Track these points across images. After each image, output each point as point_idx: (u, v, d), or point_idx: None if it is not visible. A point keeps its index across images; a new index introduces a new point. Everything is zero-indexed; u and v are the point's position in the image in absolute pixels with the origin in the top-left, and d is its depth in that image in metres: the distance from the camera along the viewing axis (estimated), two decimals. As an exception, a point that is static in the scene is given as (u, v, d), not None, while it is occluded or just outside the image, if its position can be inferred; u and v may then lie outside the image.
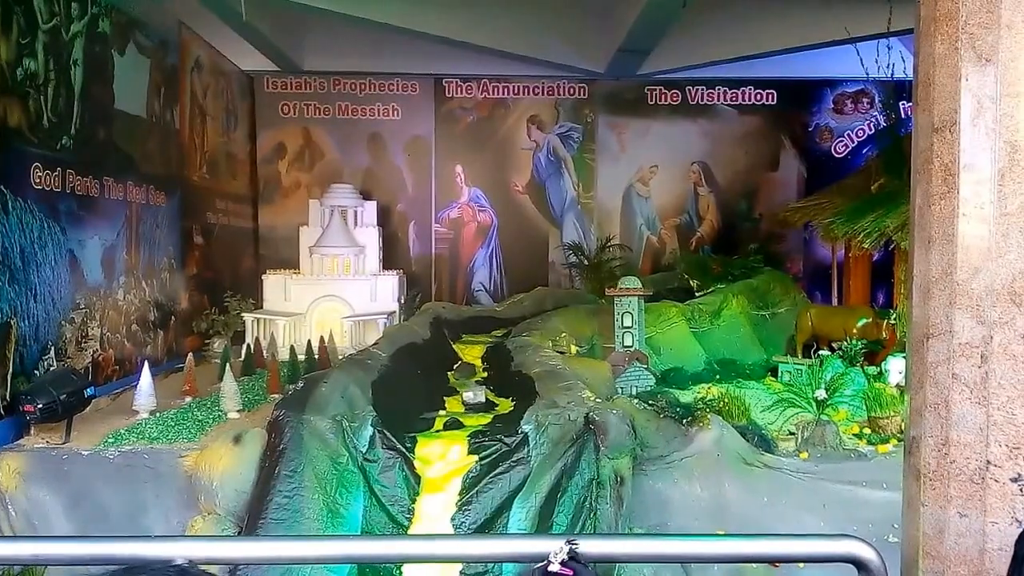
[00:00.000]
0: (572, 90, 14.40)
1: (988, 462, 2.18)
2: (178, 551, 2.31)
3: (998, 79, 2.21)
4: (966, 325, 2.22)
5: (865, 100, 14.58)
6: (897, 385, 7.20)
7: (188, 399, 7.87)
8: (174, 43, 10.59)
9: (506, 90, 14.31)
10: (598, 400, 6.46)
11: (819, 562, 2.27)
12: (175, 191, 10.47)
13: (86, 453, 6.23)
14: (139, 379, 7.37)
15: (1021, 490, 2.17)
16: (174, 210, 10.45)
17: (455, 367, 9.40)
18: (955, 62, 2.29)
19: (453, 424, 6.63)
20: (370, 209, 12.29)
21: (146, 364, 7.66)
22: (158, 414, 7.21)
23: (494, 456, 6.00)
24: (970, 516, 2.23)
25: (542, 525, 5.54)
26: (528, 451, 5.96)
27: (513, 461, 5.94)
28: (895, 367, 7.47)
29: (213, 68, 12.08)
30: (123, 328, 8.98)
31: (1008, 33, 2.20)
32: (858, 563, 2.23)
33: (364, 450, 5.98)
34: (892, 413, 6.52)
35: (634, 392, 7.56)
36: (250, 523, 5.67)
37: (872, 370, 7.91)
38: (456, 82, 14.21)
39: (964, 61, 2.27)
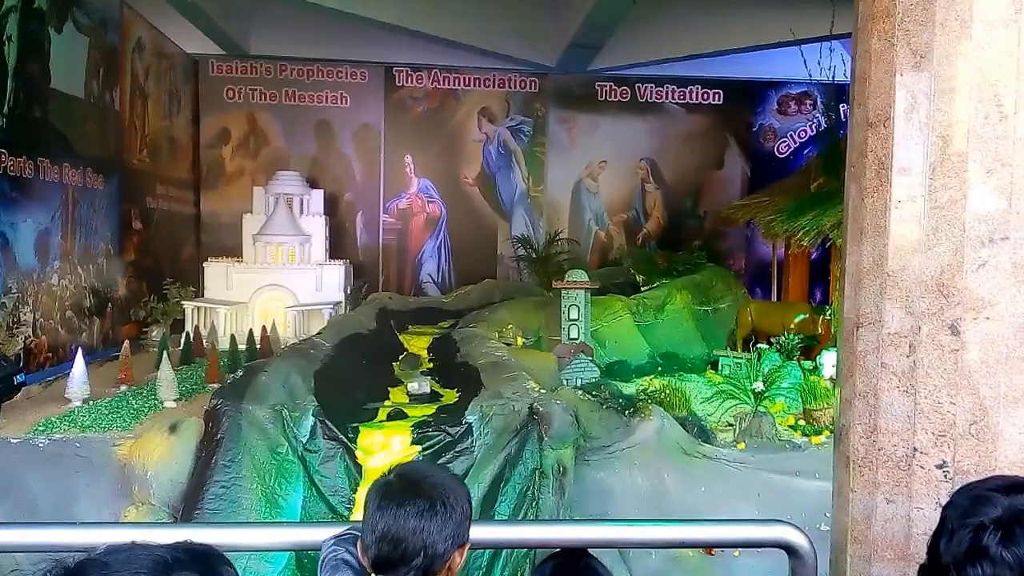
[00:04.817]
0: (523, 83, 14.39)
1: (915, 449, 2.24)
2: (109, 538, 2.25)
3: (932, 76, 2.26)
4: (895, 315, 2.27)
5: (808, 102, 14.85)
6: (831, 378, 7.38)
7: (124, 387, 7.69)
8: (115, 22, 10.29)
9: (457, 81, 14.23)
10: (543, 391, 6.49)
11: (751, 547, 2.32)
12: (113, 174, 10.19)
13: (15, 441, 6.07)
14: (72, 366, 7.17)
15: (946, 476, 2.22)
16: (112, 194, 10.17)
17: (400, 357, 9.35)
18: (891, 58, 2.33)
19: (397, 414, 6.59)
20: (316, 197, 12.12)
21: (80, 351, 7.45)
22: (92, 402, 7.06)
23: (437, 446, 6.00)
24: (897, 502, 2.29)
25: (484, 514, 5.55)
26: (472, 441, 5.98)
27: (457, 451, 5.96)
28: (829, 361, 7.66)
29: (155, 49, 11.78)
30: (57, 314, 8.72)
31: (942, 31, 2.25)
32: (789, 548, 2.28)
33: (305, 440, 5.93)
34: (826, 405, 6.69)
35: (579, 384, 7.61)
36: (186, 513, 5.59)
37: (808, 364, 8.11)
38: (406, 71, 14.07)
39: (899, 58, 2.31)
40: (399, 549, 1.79)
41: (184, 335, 9.74)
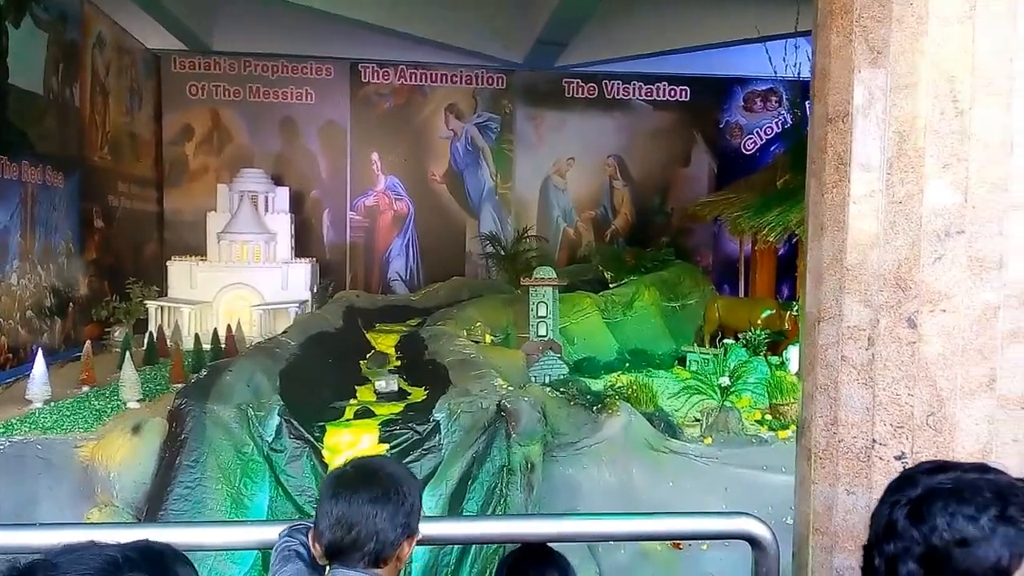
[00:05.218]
0: (490, 80, 14.37)
1: (874, 441, 2.26)
2: (69, 539, 2.20)
3: (889, 72, 2.28)
4: (854, 309, 2.29)
5: (774, 99, 15.00)
6: (797, 373, 7.46)
7: (86, 388, 7.58)
8: (75, 17, 10.10)
9: (423, 77, 14.17)
10: (510, 388, 6.49)
11: (715, 539, 2.34)
12: (74, 172, 10.01)
13: (-26, 444, 5.93)
14: (33, 367, 7.04)
15: (904, 467, 2.24)
16: (73, 192, 9.99)
17: (368, 356, 9.28)
18: (849, 54, 2.36)
19: (364, 413, 6.56)
20: (282, 195, 12.01)
21: (40, 352, 7.31)
22: (53, 404, 6.95)
23: (405, 445, 5.98)
24: (857, 493, 2.31)
25: (452, 512, 5.53)
26: (439, 439, 5.96)
27: (424, 449, 5.94)
28: (795, 356, 7.73)
29: (116, 45, 11.58)
30: (17, 314, 8.55)
31: (899, 27, 2.27)
32: (752, 540, 2.30)
33: (270, 439, 5.87)
34: (792, 400, 6.76)
35: (547, 381, 7.62)
36: (149, 514, 5.53)
37: (775, 359, 8.18)
38: (372, 67, 13.98)
39: (857, 53, 2.34)
40: (352, 534, 1.85)
41: (147, 335, 9.61)
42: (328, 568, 1.92)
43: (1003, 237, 2.18)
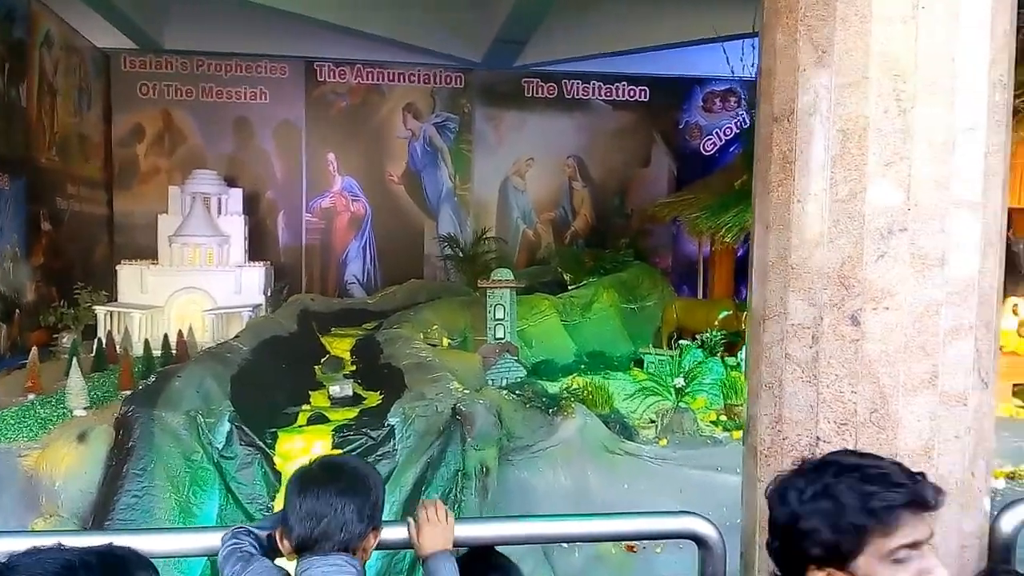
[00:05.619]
0: (448, 79, 14.28)
1: (818, 438, 2.27)
2: (15, 547, 2.11)
3: (833, 71, 2.29)
4: (799, 307, 2.29)
5: (732, 99, 15.10)
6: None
7: (31, 396, 7.37)
8: (21, 15, 9.86)
9: (381, 76, 14.03)
10: (466, 391, 6.43)
11: (660, 539, 2.32)
12: (20, 174, 9.75)
13: (-89, 454, 5.74)
14: (-27, 375, 6.85)
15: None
16: (19, 194, 9.73)
17: (323, 360, 9.16)
18: (794, 53, 2.36)
19: (318, 419, 6.45)
20: (235, 197, 11.81)
21: (-18, 359, 7.11)
22: (-4, 412, 6.73)
23: (359, 450, 5.88)
24: (803, 491, 2.30)
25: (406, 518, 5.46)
26: (394, 444, 5.89)
27: (379, 455, 5.85)
28: (750, 356, 7.80)
29: (65, 44, 11.31)
30: (-42, 321, 8.30)
31: (843, 26, 2.28)
32: (698, 539, 2.28)
33: (220, 447, 5.75)
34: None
35: (504, 383, 7.59)
36: (96, 524, 5.38)
37: (732, 360, 8.23)
38: (328, 66, 13.81)
39: (802, 52, 2.34)
40: (321, 525, 1.94)
41: (96, 341, 9.38)
42: (297, 561, 1.99)
43: (945, 235, 2.20)
